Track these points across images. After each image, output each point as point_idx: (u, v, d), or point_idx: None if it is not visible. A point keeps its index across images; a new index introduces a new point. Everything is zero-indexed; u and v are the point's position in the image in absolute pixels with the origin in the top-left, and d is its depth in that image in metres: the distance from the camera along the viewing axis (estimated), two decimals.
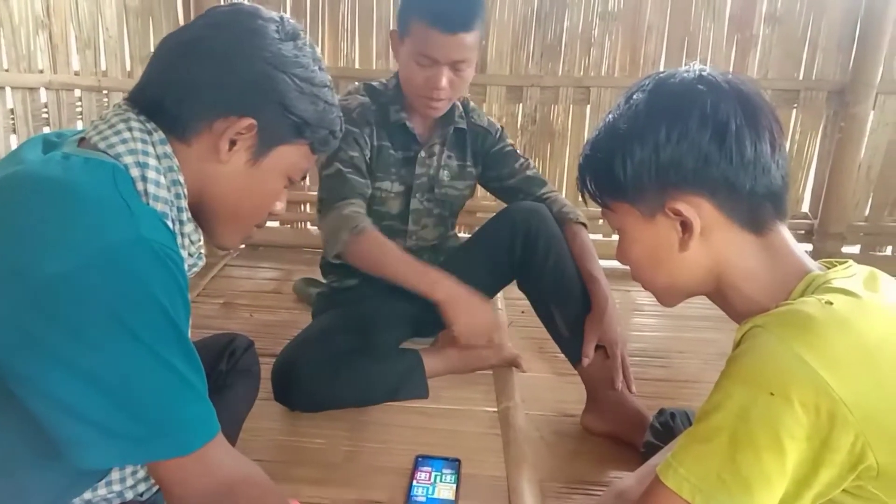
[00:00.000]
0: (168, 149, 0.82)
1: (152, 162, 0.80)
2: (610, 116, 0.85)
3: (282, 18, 0.87)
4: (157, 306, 0.71)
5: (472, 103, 1.76)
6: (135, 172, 0.79)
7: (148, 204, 0.79)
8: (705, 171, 0.78)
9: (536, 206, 1.63)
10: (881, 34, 2.33)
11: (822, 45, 2.41)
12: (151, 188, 0.79)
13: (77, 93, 2.48)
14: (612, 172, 0.82)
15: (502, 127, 1.78)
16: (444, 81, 1.48)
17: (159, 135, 0.82)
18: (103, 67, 2.46)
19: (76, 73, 2.47)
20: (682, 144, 0.78)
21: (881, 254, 2.56)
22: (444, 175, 1.70)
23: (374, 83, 1.66)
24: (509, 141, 1.76)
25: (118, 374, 0.69)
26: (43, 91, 2.48)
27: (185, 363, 0.74)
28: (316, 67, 0.88)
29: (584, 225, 1.68)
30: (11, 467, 0.76)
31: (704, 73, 0.81)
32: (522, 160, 1.74)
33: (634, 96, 0.83)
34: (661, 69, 0.85)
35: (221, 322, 1.99)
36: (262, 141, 0.85)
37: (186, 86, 0.82)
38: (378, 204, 1.66)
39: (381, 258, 1.48)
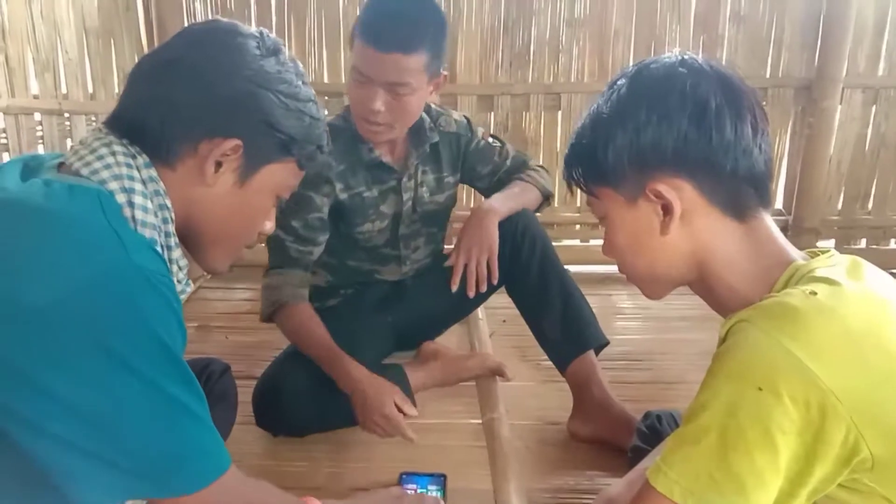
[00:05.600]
0: (153, 172, 0.79)
1: (138, 187, 0.77)
2: (595, 104, 0.85)
3: (261, 33, 0.84)
4: (151, 335, 0.68)
5: (434, 107, 1.65)
6: (121, 199, 0.76)
7: (136, 230, 0.76)
8: (685, 152, 0.77)
9: (524, 212, 1.63)
10: (844, 29, 2.37)
11: (787, 43, 2.44)
12: (139, 214, 0.76)
13: (37, 116, 2.43)
14: (595, 158, 0.82)
15: (467, 118, 1.70)
16: (378, 103, 1.38)
17: (143, 158, 0.79)
18: (64, 90, 2.40)
19: (35, 97, 2.41)
20: (662, 125, 0.77)
21: (856, 247, 2.58)
22: (424, 193, 1.63)
23: (332, 120, 1.51)
24: (479, 129, 1.70)
25: (115, 408, 0.66)
26: (1, 116, 2.42)
27: (187, 393, 0.72)
28: (300, 82, 0.85)
29: (545, 197, 1.70)
30: None
31: (686, 57, 0.80)
32: (499, 148, 1.70)
33: (618, 82, 0.82)
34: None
35: (197, 346, 1.93)
36: (248, 161, 0.82)
37: (168, 108, 0.79)
38: (365, 242, 1.62)
39: (297, 338, 1.50)
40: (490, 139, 1.70)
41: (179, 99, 0.79)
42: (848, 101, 2.45)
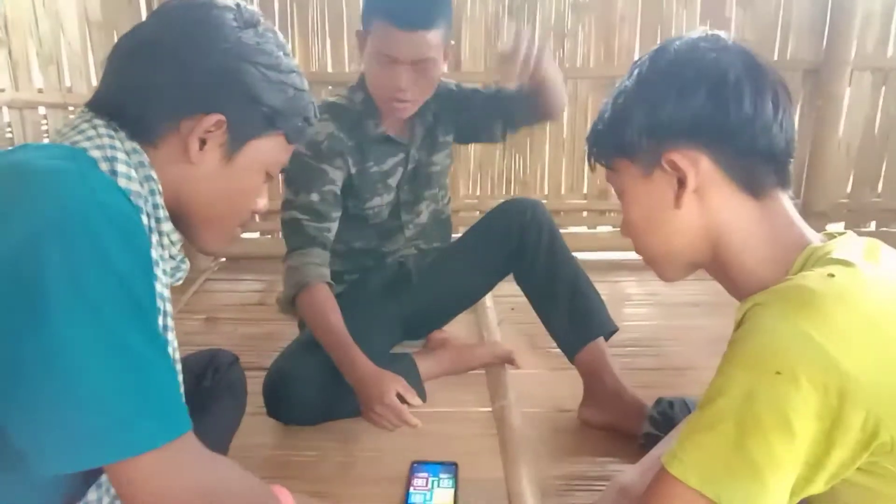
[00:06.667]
0: (136, 145, 0.78)
1: (121, 156, 0.76)
2: (621, 80, 0.85)
3: (238, 6, 0.83)
4: (114, 277, 0.64)
5: None
6: (104, 167, 0.74)
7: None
8: (702, 124, 0.76)
9: (531, 200, 1.66)
10: (852, 11, 2.35)
11: (794, 26, 2.42)
12: (123, 182, 0.74)
13: (42, 110, 2.43)
14: (614, 129, 0.82)
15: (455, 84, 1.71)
16: (404, 81, 1.44)
17: (125, 133, 0.78)
18: (68, 83, 2.40)
19: (40, 91, 2.41)
20: (680, 96, 0.77)
21: (865, 230, 2.57)
22: (424, 156, 1.65)
23: (336, 100, 1.56)
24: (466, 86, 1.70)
25: (71, 354, 0.62)
26: (5, 110, 2.42)
27: (148, 345, 0.67)
28: (280, 53, 0.83)
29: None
30: None
31: (709, 33, 0.80)
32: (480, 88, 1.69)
33: (642, 59, 0.83)
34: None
35: (205, 338, 1.94)
36: (233, 137, 0.81)
37: (147, 88, 0.78)
38: (374, 218, 1.63)
39: (313, 321, 1.47)
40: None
41: (158, 79, 0.78)
42: (857, 83, 2.43)
